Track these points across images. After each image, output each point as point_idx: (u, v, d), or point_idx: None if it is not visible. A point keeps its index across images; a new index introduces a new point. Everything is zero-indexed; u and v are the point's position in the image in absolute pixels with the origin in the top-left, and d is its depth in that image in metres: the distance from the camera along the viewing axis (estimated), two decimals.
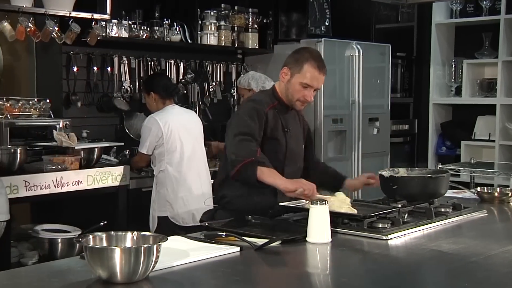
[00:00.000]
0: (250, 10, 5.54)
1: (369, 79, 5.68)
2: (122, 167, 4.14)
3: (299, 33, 5.80)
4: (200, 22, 5.20)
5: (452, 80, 6.18)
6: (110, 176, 4.04)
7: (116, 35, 4.67)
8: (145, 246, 1.82)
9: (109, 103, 4.85)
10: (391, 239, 2.43)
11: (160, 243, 1.85)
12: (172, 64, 5.22)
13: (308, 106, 5.34)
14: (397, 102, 6.26)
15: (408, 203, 2.86)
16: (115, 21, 4.65)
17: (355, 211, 2.63)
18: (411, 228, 2.57)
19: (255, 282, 2.03)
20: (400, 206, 2.79)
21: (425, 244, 2.43)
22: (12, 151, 3.68)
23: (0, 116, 4.05)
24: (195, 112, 5.24)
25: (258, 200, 2.84)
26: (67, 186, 3.80)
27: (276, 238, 2.31)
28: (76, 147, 3.95)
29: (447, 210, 2.88)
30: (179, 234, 2.47)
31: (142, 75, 4.99)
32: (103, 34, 4.50)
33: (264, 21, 5.63)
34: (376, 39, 6.08)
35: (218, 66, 5.53)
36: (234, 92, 5.56)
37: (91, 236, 1.90)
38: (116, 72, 4.89)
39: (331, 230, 2.38)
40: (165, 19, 4.99)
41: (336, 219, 2.51)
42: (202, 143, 4.41)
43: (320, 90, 5.28)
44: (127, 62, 4.94)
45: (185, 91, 5.31)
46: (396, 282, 2.01)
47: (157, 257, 1.83)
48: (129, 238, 1.94)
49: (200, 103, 5.41)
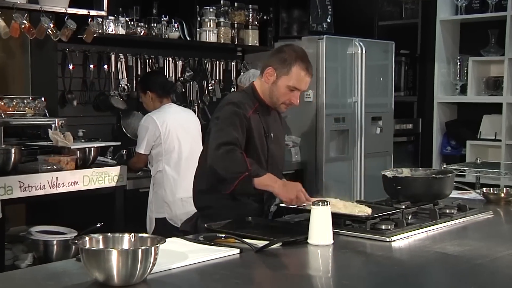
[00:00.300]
0: (250, 6, 5.54)
1: (372, 77, 5.68)
2: (119, 167, 4.14)
3: (300, 30, 5.80)
4: (199, 19, 5.20)
5: (457, 78, 6.18)
6: (106, 177, 4.05)
7: (113, 32, 4.67)
8: (142, 248, 1.82)
9: (105, 101, 4.86)
10: (394, 241, 2.43)
11: (158, 245, 1.85)
12: (171, 61, 5.22)
13: (309, 104, 5.42)
14: (400, 101, 6.26)
15: (412, 204, 2.87)
16: (112, 17, 4.65)
17: (366, 212, 2.62)
18: (415, 230, 2.57)
19: (255, 285, 2.03)
20: (403, 207, 2.79)
21: (429, 246, 2.43)
22: (6, 151, 3.68)
23: None
24: (194, 111, 5.25)
25: (245, 211, 2.75)
26: (63, 186, 3.80)
27: (277, 240, 2.31)
28: (72, 147, 3.95)
29: (452, 211, 2.88)
30: (177, 236, 2.48)
31: (139, 73, 4.99)
32: (100, 31, 4.50)
33: (265, 17, 5.63)
34: (379, 36, 6.08)
35: (218, 64, 5.54)
36: (234, 91, 5.55)
37: (87, 238, 1.90)
38: (113, 70, 4.89)
39: (333, 231, 2.38)
40: (163, 16, 5.00)
41: (338, 220, 2.51)
42: (201, 142, 4.42)
43: (321, 88, 5.32)
44: (124, 59, 4.94)
45: (183, 90, 5.31)
46: (399, 285, 2.01)
47: (155, 259, 1.84)
48: (126, 240, 1.94)
49: (199, 101, 5.41)
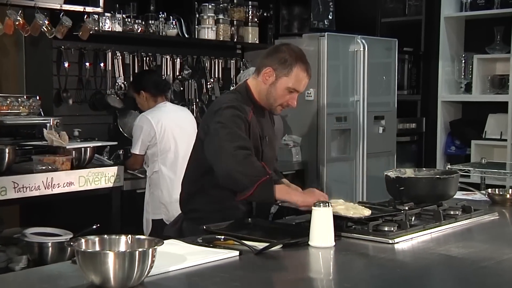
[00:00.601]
0: (250, 3, 5.54)
1: (374, 75, 5.68)
2: (116, 168, 4.14)
3: (301, 27, 5.80)
4: (197, 16, 5.20)
5: (462, 77, 6.18)
6: (103, 177, 4.04)
7: (110, 29, 4.67)
8: (139, 250, 1.82)
9: (102, 100, 4.86)
10: (397, 243, 2.43)
11: (155, 247, 1.85)
12: (168, 59, 5.23)
13: (310, 103, 5.42)
14: (404, 100, 6.26)
15: (415, 205, 2.86)
16: (108, 14, 4.65)
17: (366, 213, 2.62)
18: (418, 232, 2.57)
19: None
20: (407, 208, 2.79)
21: (433, 248, 2.43)
22: (0, 150, 3.67)
23: None
24: (192, 110, 5.26)
25: (233, 216, 2.71)
26: (58, 187, 3.80)
27: (277, 242, 2.31)
28: (67, 147, 3.95)
29: (457, 213, 2.88)
30: (175, 237, 2.47)
31: (136, 71, 4.99)
32: (96, 28, 4.50)
33: (265, 14, 5.64)
34: (382, 34, 6.09)
35: (217, 62, 5.54)
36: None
37: (83, 240, 1.90)
38: (110, 68, 4.89)
39: (335, 233, 2.38)
40: (160, 13, 5.00)
41: (340, 222, 2.51)
42: None
43: (323, 87, 5.32)
44: (121, 57, 4.94)
45: (181, 88, 5.31)
46: None
47: (152, 261, 1.84)
48: (123, 242, 1.94)
49: (197, 100, 5.41)
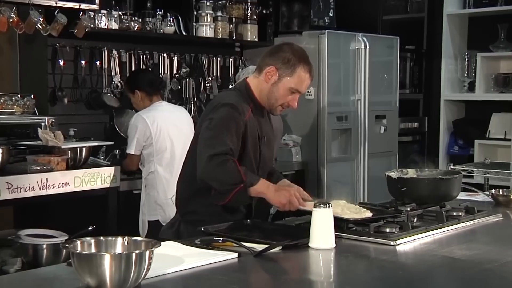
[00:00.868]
0: (249, 0, 5.54)
1: (376, 74, 5.68)
2: (112, 168, 4.14)
3: (301, 24, 5.80)
4: (195, 13, 5.20)
5: (465, 75, 6.18)
6: (99, 178, 4.04)
7: (106, 27, 4.66)
8: (136, 252, 1.82)
9: (98, 99, 4.85)
10: (399, 244, 2.43)
11: (152, 249, 1.85)
12: (166, 57, 5.22)
13: (310, 102, 5.42)
14: (405, 99, 6.26)
15: (417, 206, 2.87)
16: (104, 11, 4.64)
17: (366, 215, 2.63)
18: (420, 233, 2.57)
19: None
20: (409, 209, 2.80)
21: (435, 250, 2.43)
22: None
23: None
24: (190, 109, 5.26)
25: (232, 218, 2.72)
26: (53, 188, 3.80)
27: (277, 243, 2.31)
28: (62, 147, 3.95)
29: (460, 214, 2.88)
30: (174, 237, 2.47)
31: (133, 69, 4.99)
32: (92, 26, 4.50)
33: (264, 11, 5.63)
34: (383, 31, 6.08)
35: (215, 60, 5.54)
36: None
37: (78, 242, 1.90)
38: (106, 66, 4.89)
39: (335, 235, 2.38)
40: (158, 10, 4.99)
41: (340, 223, 2.51)
42: None
43: (323, 86, 5.32)
44: (117, 55, 4.93)
45: (179, 87, 5.31)
46: None
47: (149, 264, 1.83)
48: (119, 244, 1.94)
49: (195, 99, 5.41)
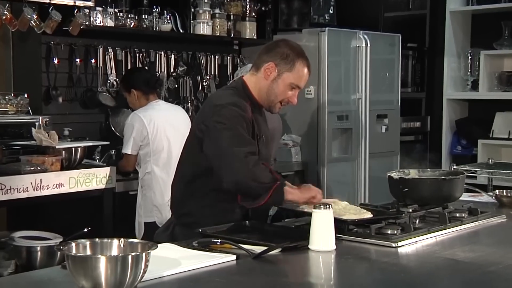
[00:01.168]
0: None
1: (377, 72, 5.69)
2: (108, 169, 4.14)
3: (301, 22, 5.80)
4: (192, 10, 5.20)
5: (468, 73, 6.18)
6: (94, 178, 4.04)
7: (101, 24, 4.67)
8: (132, 254, 1.82)
9: (93, 98, 4.85)
10: (401, 246, 2.43)
11: (149, 251, 1.85)
12: (162, 56, 5.22)
13: (310, 101, 5.42)
14: (407, 97, 6.26)
15: (419, 207, 2.87)
16: (100, 8, 4.65)
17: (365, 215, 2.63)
18: (423, 235, 2.57)
19: None
20: (411, 210, 2.80)
21: (438, 252, 2.44)
22: None
23: None
24: (187, 108, 5.26)
25: (229, 220, 2.70)
26: (47, 189, 3.80)
27: (276, 245, 2.31)
28: (57, 147, 3.95)
29: (463, 215, 2.88)
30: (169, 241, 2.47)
31: (129, 67, 4.99)
32: (87, 23, 4.50)
33: (263, 8, 5.63)
34: (385, 29, 6.09)
35: (213, 58, 5.54)
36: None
37: (73, 244, 1.90)
38: (101, 64, 4.89)
39: (336, 236, 2.38)
40: (154, 7, 4.99)
41: (341, 224, 2.51)
42: None
43: (323, 84, 5.32)
44: (112, 53, 4.94)
45: (176, 85, 5.31)
46: None
47: (146, 266, 1.83)
48: (115, 246, 1.93)
49: (192, 98, 5.41)
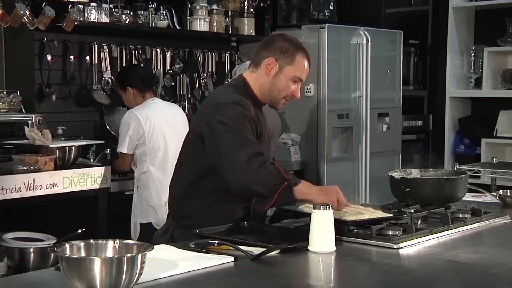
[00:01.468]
0: None
1: (378, 69, 5.69)
2: (103, 168, 4.14)
3: (300, 18, 5.80)
4: (189, 6, 5.20)
5: (472, 71, 6.19)
6: (89, 178, 4.04)
7: (96, 20, 4.66)
8: (128, 256, 1.82)
9: (87, 96, 4.85)
10: (402, 248, 2.43)
11: (145, 252, 1.85)
12: (159, 53, 5.22)
13: (310, 99, 5.42)
14: (409, 96, 6.26)
15: (421, 207, 2.87)
16: (94, 4, 4.65)
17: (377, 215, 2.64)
18: (425, 236, 2.57)
19: None
20: (412, 211, 2.80)
21: (440, 253, 2.44)
22: None
23: None
24: (184, 106, 5.26)
25: (230, 222, 2.69)
26: (41, 189, 3.80)
27: (275, 246, 2.31)
28: (50, 146, 3.95)
29: (466, 216, 2.88)
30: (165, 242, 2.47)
31: (124, 65, 4.99)
32: (81, 19, 4.50)
33: (261, 4, 5.63)
34: (386, 25, 6.09)
35: (210, 55, 5.54)
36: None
37: (67, 245, 1.90)
38: (96, 61, 4.89)
39: (336, 237, 2.38)
40: (150, 2, 4.99)
41: (341, 225, 2.51)
42: None
43: (323, 82, 5.32)
44: (107, 50, 4.94)
45: (173, 83, 5.31)
46: None
47: (141, 268, 1.83)
48: (110, 247, 1.93)
49: (189, 96, 5.41)
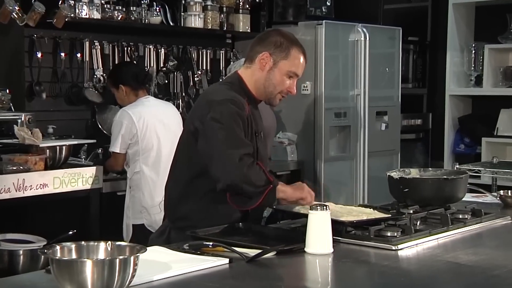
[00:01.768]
0: None
1: (376, 67, 5.69)
2: (94, 168, 4.13)
3: (296, 14, 5.79)
4: (183, 2, 5.19)
5: (472, 68, 6.19)
6: (80, 178, 4.04)
7: (87, 16, 4.66)
8: (120, 258, 1.82)
9: (79, 94, 4.85)
10: (401, 249, 2.44)
11: (137, 254, 1.85)
12: (152, 50, 5.22)
13: (306, 97, 5.42)
14: (408, 94, 6.27)
15: (420, 208, 2.88)
16: (86, 0, 4.64)
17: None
18: (424, 237, 2.58)
19: None
20: (411, 211, 2.81)
21: (440, 255, 2.44)
22: None
23: None
24: (178, 104, 5.25)
25: (227, 222, 2.69)
26: (31, 189, 3.79)
27: (271, 248, 2.31)
28: (40, 145, 3.94)
29: (466, 217, 2.89)
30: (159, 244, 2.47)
31: (117, 62, 4.98)
32: (72, 15, 4.49)
33: (257, 0, 5.63)
34: (384, 22, 6.09)
35: (204, 52, 5.54)
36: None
37: (58, 247, 1.90)
38: (87, 58, 4.87)
39: (333, 239, 2.38)
40: None
41: (338, 226, 2.51)
42: None
43: (320, 80, 5.32)
44: (99, 47, 4.93)
45: (166, 81, 5.31)
46: None
47: (134, 270, 1.83)
48: (102, 249, 1.93)
49: (183, 94, 5.41)
